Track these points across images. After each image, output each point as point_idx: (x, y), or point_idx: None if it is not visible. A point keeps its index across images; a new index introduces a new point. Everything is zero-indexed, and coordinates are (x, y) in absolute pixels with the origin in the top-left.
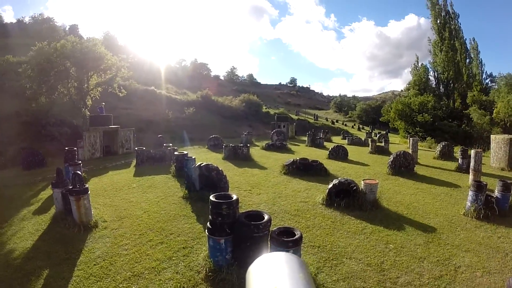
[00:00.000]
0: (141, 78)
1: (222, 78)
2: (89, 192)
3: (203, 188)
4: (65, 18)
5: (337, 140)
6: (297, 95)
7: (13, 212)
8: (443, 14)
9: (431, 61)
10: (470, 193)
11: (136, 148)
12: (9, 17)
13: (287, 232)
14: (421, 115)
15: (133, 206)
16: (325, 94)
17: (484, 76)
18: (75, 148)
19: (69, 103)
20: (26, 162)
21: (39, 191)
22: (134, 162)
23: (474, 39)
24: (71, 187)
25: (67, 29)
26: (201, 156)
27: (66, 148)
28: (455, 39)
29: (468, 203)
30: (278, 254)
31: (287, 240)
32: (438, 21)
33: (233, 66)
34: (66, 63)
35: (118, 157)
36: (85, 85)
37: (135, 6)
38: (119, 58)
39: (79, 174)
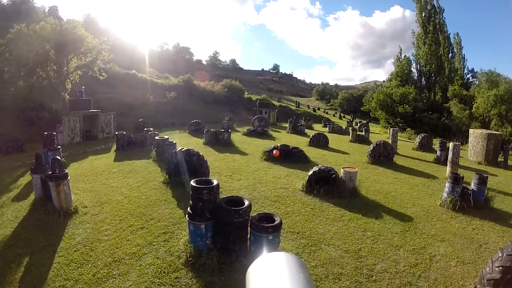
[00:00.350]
0: (123, 61)
1: (204, 62)
2: (68, 178)
3: (184, 173)
4: None
5: (318, 127)
6: (279, 82)
7: None
8: (428, 7)
9: (414, 53)
10: (447, 184)
11: (116, 133)
12: None
13: (267, 218)
14: (402, 106)
15: (113, 191)
16: (307, 81)
17: (465, 71)
18: (55, 133)
19: (49, 87)
20: (4, 147)
21: (18, 177)
22: (114, 147)
23: (458, 34)
24: (50, 172)
25: (46, 10)
26: (182, 141)
27: (45, 133)
28: (439, 33)
29: (445, 194)
30: (278, 254)
31: (267, 225)
32: (423, 14)
33: (215, 51)
34: (46, 46)
35: (98, 142)
36: (65, 68)
37: None
38: (100, 41)
39: (58, 159)
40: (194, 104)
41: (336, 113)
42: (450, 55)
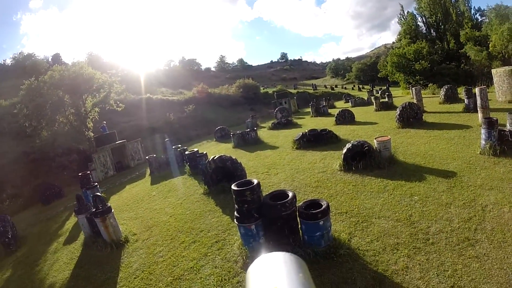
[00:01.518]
0: (134, 88)
1: (213, 69)
2: (113, 210)
3: (221, 180)
4: (45, 50)
5: (341, 104)
6: (291, 69)
7: (44, 247)
8: None
9: (417, 7)
10: (483, 131)
11: (147, 157)
12: None
13: (314, 204)
14: (418, 63)
15: (158, 213)
16: (318, 62)
17: (473, 11)
18: (88, 172)
19: (71, 130)
20: (44, 196)
21: (64, 222)
22: (148, 171)
23: None
24: (94, 209)
25: (50, 59)
26: (212, 149)
27: (80, 174)
28: None
29: (483, 142)
30: (278, 254)
31: (315, 212)
32: None
33: (221, 55)
34: (59, 92)
35: (131, 170)
36: (82, 109)
37: (113, 20)
38: (109, 75)
39: (99, 195)
40: (213, 112)
41: (354, 86)
42: None
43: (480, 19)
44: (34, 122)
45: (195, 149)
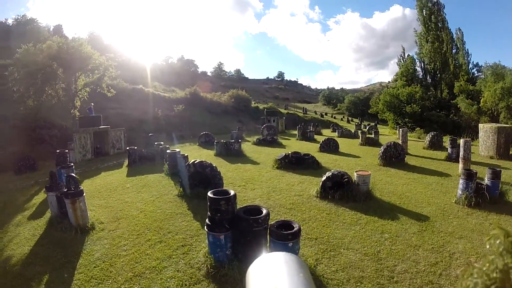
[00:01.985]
0: (129, 77)
1: (209, 74)
2: (84, 194)
3: (198, 185)
4: (48, 18)
5: (327, 133)
6: (285, 89)
7: (7, 218)
8: (429, 5)
9: (418, 52)
10: (461, 181)
11: (127, 148)
12: None
13: (286, 225)
14: (409, 105)
15: (128, 207)
16: (313, 87)
17: (470, 66)
18: (67, 151)
19: (58, 105)
20: (17, 166)
21: (32, 196)
22: (126, 162)
23: (460, 30)
24: (65, 190)
25: (51, 29)
26: (193, 153)
27: (58, 151)
28: (441, 30)
29: (459, 191)
30: (278, 254)
31: (286, 233)
32: (424, 12)
33: (220, 62)
34: (53, 64)
35: (109, 158)
36: (73, 86)
37: (119, 4)
38: (107, 58)
39: (73, 176)
40: (201, 116)
41: (343, 117)
42: (453, 51)
43: (476, 74)
44: (22, 88)
45: (177, 150)
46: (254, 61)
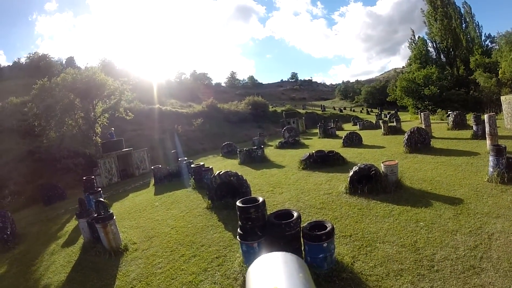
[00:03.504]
0: (145, 97)
1: (223, 85)
2: (114, 217)
3: (225, 195)
4: (60, 52)
5: (348, 127)
6: (300, 89)
7: (42, 247)
8: None
9: (428, 32)
10: (491, 158)
11: (152, 167)
12: (2, 61)
13: (318, 225)
14: (427, 88)
15: (159, 224)
16: (327, 83)
17: (483, 38)
18: (93, 177)
19: (79, 133)
20: (47, 197)
21: (64, 224)
22: (152, 181)
23: (466, 3)
24: (95, 215)
25: (64, 62)
26: (218, 164)
27: (84, 178)
28: (448, 6)
29: (490, 169)
30: (278, 254)
31: (319, 233)
32: None
33: (232, 71)
34: (70, 95)
35: (135, 179)
36: (92, 114)
37: (125, 29)
38: (121, 82)
39: (102, 201)
40: (221, 127)
41: (363, 109)
42: (463, 25)
43: (490, 46)
44: (43, 122)
45: (201, 163)
46: (265, 66)
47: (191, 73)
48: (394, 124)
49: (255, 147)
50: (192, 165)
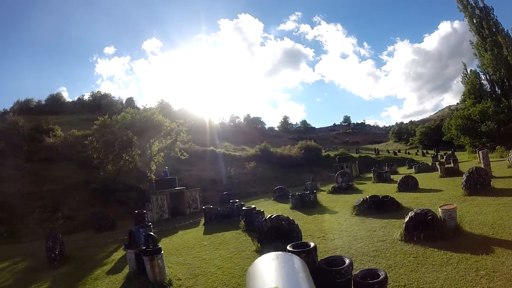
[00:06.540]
0: (199, 139)
1: (276, 129)
2: (162, 252)
3: (276, 239)
4: (118, 92)
5: (404, 170)
6: (353, 133)
7: (87, 271)
8: (477, 12)
9: (479, 64)
10: None
11: (203, 207)
12: (65, 97)
13: (371, 274)
14: (484, 124)
15: (206, 263)
16: (380, 125)
17: None
18: (145, 211)
19: (135, 169)
20: (97, 225)
21: (111, 252)
22: (202, 221)
23: None
24: (144, 247)
25: (124, 102)
26: (269, 208)
27: (136, 211)
28: (497, 34)
29: None
30: (278, 254)
31: (372, 282)
32: (474, 21)
33: (285, 116)
34: (128, 133)
35: (186, 217)
36: (148, 152)
37: (182, 71)
38: (177, 124)
39: (152, 235)
40: (273, 171)
41: (418, 151)
42: None
43: None
44: (102, 155)
45: (252, 206)
46: (316, 110)
47: (244, 117)
48: (452, 165)
49: (307, 191)
50: (243, 208)
